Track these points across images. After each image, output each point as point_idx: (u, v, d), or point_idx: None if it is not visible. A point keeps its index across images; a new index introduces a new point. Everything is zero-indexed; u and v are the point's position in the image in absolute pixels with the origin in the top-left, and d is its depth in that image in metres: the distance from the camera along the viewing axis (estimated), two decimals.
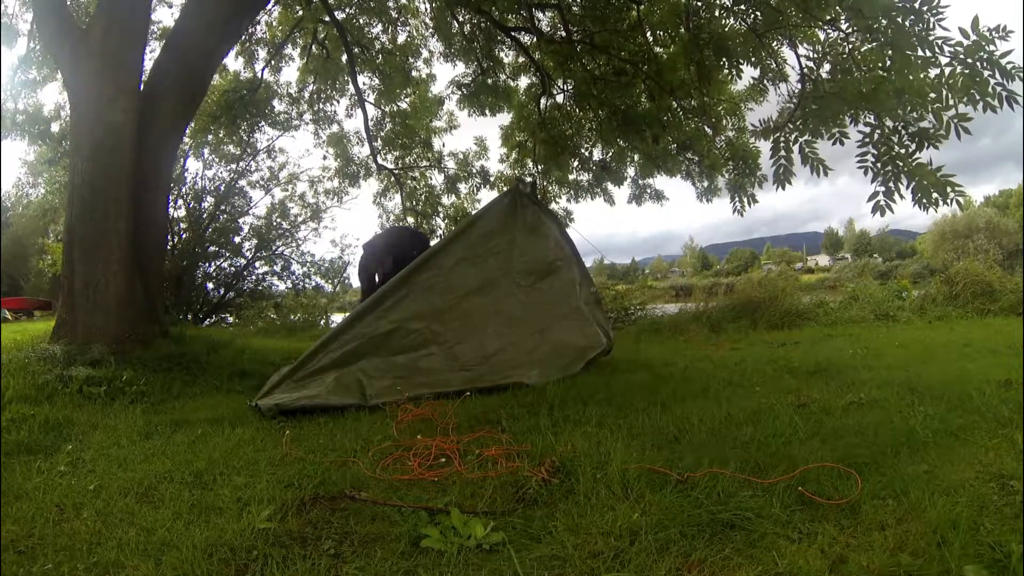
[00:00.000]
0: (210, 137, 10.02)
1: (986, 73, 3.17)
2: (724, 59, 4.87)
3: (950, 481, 1.36)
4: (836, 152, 3.76)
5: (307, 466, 1.77)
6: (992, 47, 3.15)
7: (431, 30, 8.56)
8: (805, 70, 4.21)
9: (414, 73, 9.40)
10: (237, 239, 11.03)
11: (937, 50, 3.28)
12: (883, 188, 3.39)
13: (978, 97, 3.19)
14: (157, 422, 2.45)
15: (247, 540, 1.23)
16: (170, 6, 7.99)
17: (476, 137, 10.95)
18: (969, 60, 3.19)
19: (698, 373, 3.41)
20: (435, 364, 3.08)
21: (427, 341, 3.14)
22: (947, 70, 3.27)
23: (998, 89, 3.19)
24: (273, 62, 9.48)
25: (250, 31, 8.70)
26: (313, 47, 9.12)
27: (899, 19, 3.32)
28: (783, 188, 4.16)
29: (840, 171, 3.58)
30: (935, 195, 3.28)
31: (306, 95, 10.18)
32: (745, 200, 6.32)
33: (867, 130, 3.53)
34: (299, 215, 11.95)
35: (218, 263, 10.80)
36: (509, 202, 3.74)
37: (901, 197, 3.38)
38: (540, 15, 7.18)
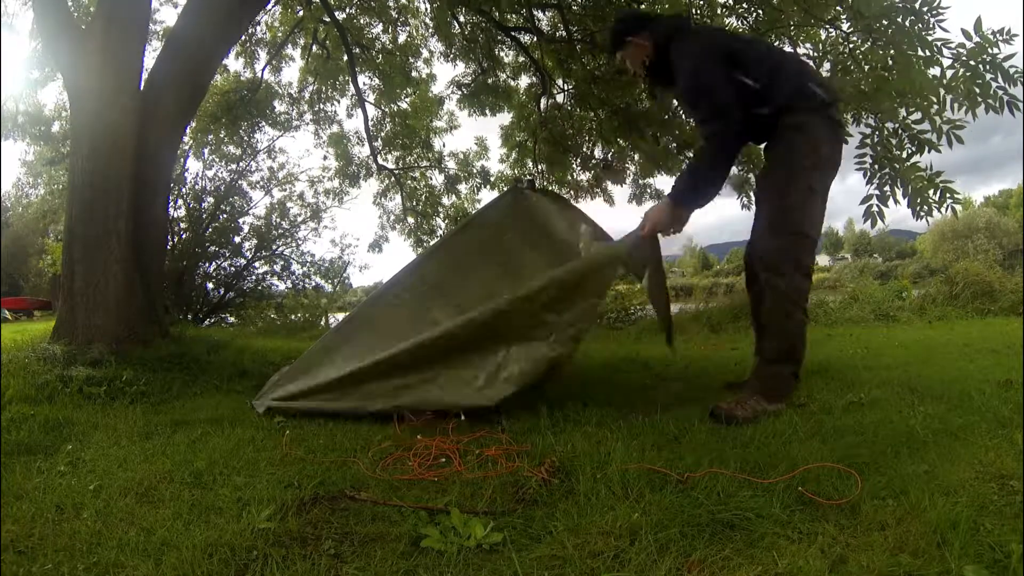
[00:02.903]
0: (210, 137, 10.04)
1: (988, 76, 3.18)
2: None
3: (950, 481, 1.35)
4: (846, 149, 3.75)
5: (307, 466, 1.77)
6: (995, 50, 3.15)
7: (431, 30, 8.56)
8: None
9: (414, 73, 9.40)
10: (237, 239, 11.06)
11: (937, 51, 3.28)
12: (878, 192, 3.40)
13: (980, 100, 3.19)
14: (157, 422, 2.45)
15: (247, 540, 1.23)
16: (175, 6, 8.01)
17: (476, 137, 10.95)
18: (972, 62, 3.19)
19: (698, 373, 3.41)
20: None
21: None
22: (948, 72, 3.28)
23: (999, 93, 3.19)
24: (273, 62, 9.49)
25: (250, 31, 8.70)
26: (313, 47, 9.12)
27: (899, 19, 3.32)
28: None
29: (851, 169, 3.57)
30: (928, 202, 3.28)
31: (306, 95, 10.20)
32: (750, 196, 6.35)
33: (867, 131, 3.54)
34: (299, 215, 11.97)
35: (218, 263, 10.83)
36: (509, 201, 3.72)
37: (896, 202, 3.39)
38: (540, 15, 7.18)
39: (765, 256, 2.19)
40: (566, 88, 7.69)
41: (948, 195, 3.25)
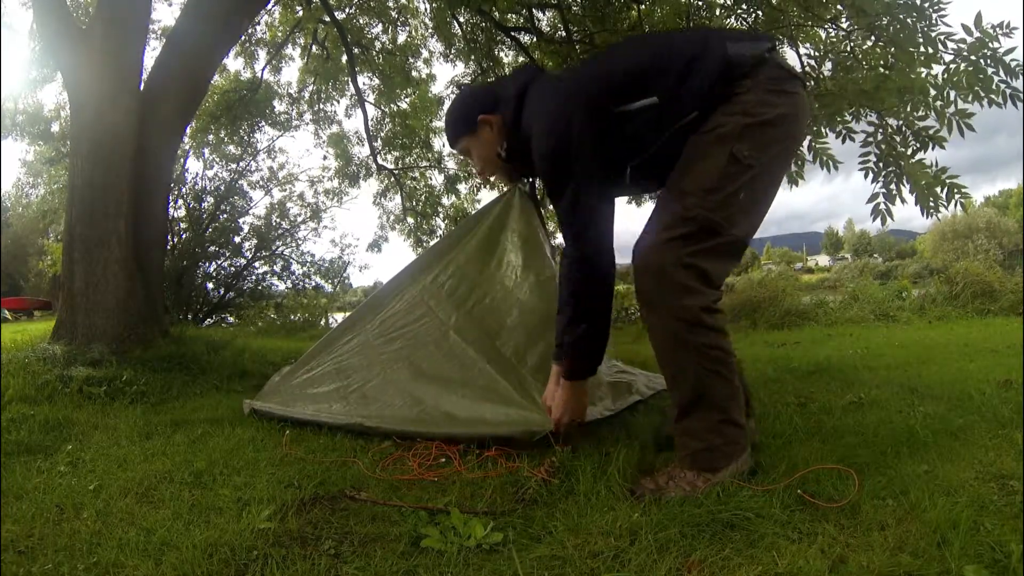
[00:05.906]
0: (210, 137, 10.05)
1: (990, 70, 3.18)
2: None
3: (950, 481, 1.35)
4: (850, 148, 3.76)
5: (307, 466, 1.77)
6: (996, 44, 3.16)
7: (431, 30, 8.57)
8: (807, 68, 4.22)
9: (414, 73, 9.41)
10: (237, 239, 11.06)
11: (940, 47, 3.28)
12: (884, 190, 3.40)
13: (982, 94, 3.20)
14: (157, 422, 2.45)
15: (247, 540, 1.23)
16: (170, 4, 8.01)
17: None
18: (972, 57, 3.19)
19: None
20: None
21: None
22: (951, 67, 3.28)
23: (1002, 86, 3.20)
24: (273, 62, 9.50)
25: (250, 31, 8.70)
26: (313, 47, 9.13)
27: (901, 16, 3.33)
28: (796, 185, 4.19)
29: (854, 168, 3.57)
30: (932, 199, 3.28)
31: (306, 95, 10.21)
32: None
33: (871, 129, 3.54)
34: (299, 215, 11.98)
35: (218, 263, 10.82)
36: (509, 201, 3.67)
37: (903, 201, 3.39)
38: (540, 15, 7.19)
39: (645, 253, 1.45)
40: None
41: (956, 191, 3.25)
